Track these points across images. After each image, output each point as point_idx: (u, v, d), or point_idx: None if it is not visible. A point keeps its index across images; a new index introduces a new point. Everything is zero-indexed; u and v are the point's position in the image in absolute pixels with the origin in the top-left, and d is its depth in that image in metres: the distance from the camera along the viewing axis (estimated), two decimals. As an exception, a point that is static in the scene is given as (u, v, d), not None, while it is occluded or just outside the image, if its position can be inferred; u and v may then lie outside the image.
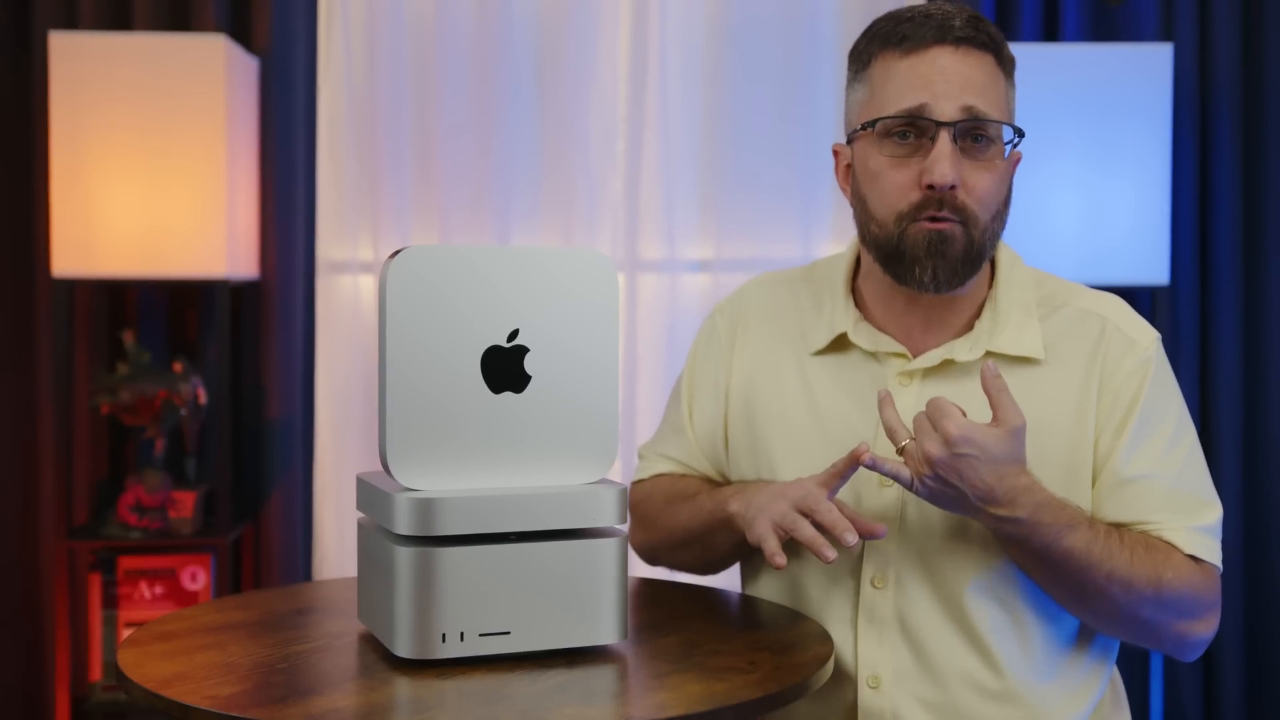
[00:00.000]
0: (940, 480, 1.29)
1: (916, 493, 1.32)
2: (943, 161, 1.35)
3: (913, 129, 1.39)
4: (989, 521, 1.32)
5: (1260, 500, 2.89)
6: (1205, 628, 1.40)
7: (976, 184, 1.38)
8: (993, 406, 1.30)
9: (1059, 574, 1.34)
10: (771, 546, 1.35)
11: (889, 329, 1.48)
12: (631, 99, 2.92)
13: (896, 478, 1.31)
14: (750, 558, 1.56)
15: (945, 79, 1.37)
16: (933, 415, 1.29)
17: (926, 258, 1.38)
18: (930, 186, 1.36)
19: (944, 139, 1.36)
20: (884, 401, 1.33)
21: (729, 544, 1.49)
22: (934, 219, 1.38)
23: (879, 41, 1.42)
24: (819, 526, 1.34)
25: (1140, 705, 2.74)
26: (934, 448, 1.28)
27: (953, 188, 1.36)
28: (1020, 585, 1.40)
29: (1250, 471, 2.89)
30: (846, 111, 1.48)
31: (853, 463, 1.33)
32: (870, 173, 1.42)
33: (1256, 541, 2.88)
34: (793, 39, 2.92)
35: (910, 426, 1.33)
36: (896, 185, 1.39)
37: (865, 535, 1.34)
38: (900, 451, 1.31)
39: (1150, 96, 2.65)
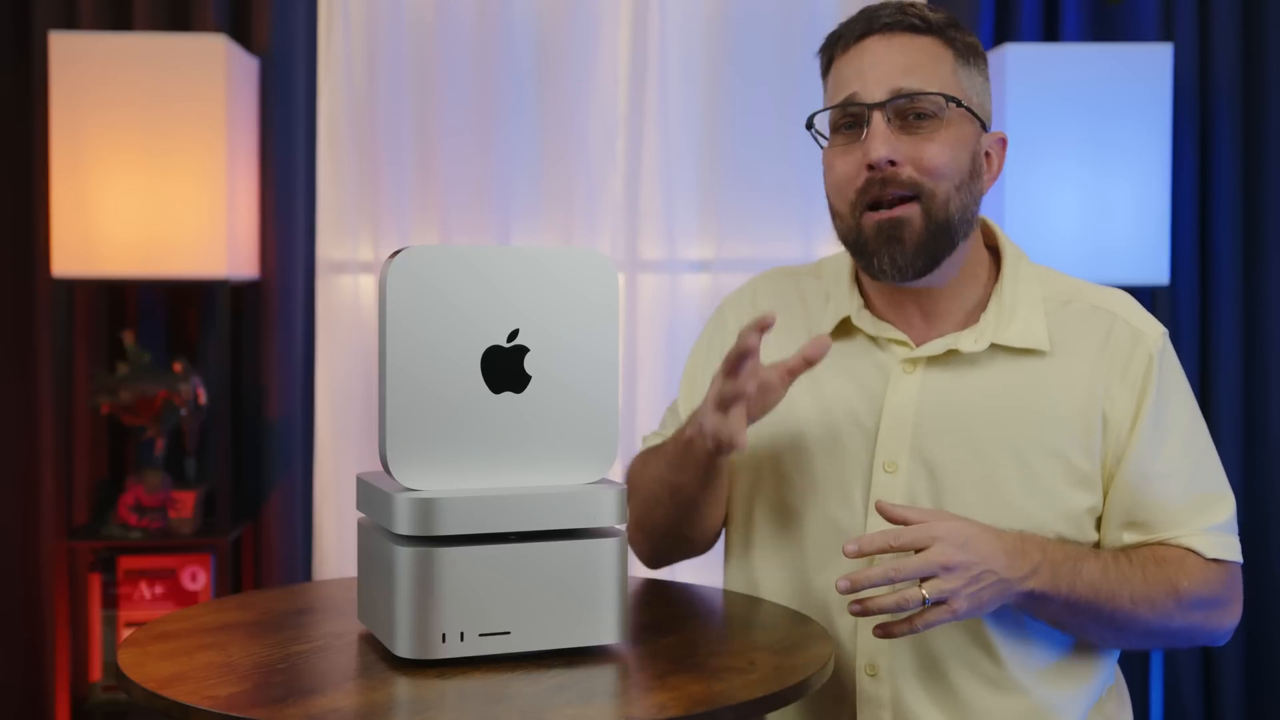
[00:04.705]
0: (969, 574, 1.27)
1: (959, 614, 1.28)
2: (874, 139, 1.39)
3: (852, 119, 1.42)
4: (1022, 586, 1.31)
5: (1260, 500, 2.89)
6: (1232, 617, 1.45)
7: (921, 155, 1.39)
8: (906, 522, 1.29)
9: (1090, 612, 1.35)
10: (733, 427, 1.33)
11: (889, 319, 1.49)
12: (631, 99, 2.92)
13: (905, 606, 1.27)
14: (746, 553, 1.54)
15: (874, 64, 1.41)
16: (904, 542, 1.27)
17: (882, 247, 1.40)
18: (870, 166, 1.39)
19: (876, 119, 1.39)
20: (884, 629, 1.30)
21: (694, 475, 1.44)
22: (883, 204, 1.39)
23: (826, 49, 1.49)
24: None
25: (1140, 705, 2.74)
26: (934, 550, 1.26)
27: (893, 164, 1.38)
28: None
29: (1250, 471, 2.89)
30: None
31: (806, 365, 1.34)
32: (826, 168, 1.46)
33: (1257, 541, 2.88)
34: (792, 38, 2.92)
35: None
36: (844, 174, 1.43)
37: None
38: (934, 605, 1.28)
39: (1150, 96, 2.65)
